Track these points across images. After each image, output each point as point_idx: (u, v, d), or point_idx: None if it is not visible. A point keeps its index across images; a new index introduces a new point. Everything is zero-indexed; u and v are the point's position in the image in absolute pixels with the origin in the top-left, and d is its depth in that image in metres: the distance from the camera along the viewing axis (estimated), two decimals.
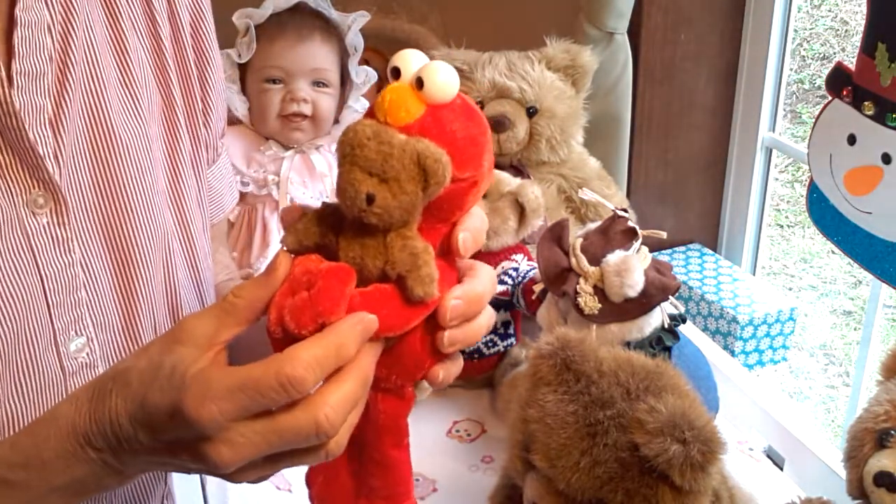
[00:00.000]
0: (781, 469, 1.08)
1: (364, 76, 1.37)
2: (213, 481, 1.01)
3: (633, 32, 1.61)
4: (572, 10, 1.60)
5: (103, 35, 0.67)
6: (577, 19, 1.59)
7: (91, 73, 0.65)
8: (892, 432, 0.80)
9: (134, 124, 0.68)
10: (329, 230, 0.53)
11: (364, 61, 1.43)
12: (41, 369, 0.62)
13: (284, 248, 0.53)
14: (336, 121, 1.38)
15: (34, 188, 0.61)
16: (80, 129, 0.64)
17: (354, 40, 1.35)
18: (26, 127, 0.59)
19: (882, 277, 1.23)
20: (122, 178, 0.67)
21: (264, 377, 0.48)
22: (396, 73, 0.51)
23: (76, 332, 0.64)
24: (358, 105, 1.38)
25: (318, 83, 1.32)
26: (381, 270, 0.51)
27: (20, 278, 0.60)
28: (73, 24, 0.63)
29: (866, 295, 1.85)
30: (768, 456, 1.13)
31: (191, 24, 0.74)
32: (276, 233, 1.30)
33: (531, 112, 1.40)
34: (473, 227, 0.54)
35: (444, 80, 0.50)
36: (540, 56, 1.43)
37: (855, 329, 2.70)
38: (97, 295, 0.66)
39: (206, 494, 1.00)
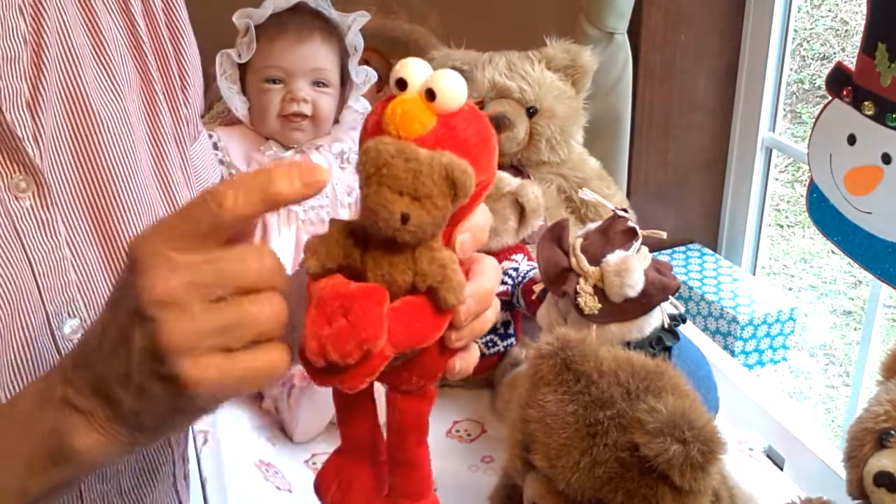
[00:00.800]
0: (781, 469, 1.08)
1: (364, 76, 1.37)
2: (213, 482, 1.01)
3: (633, 32, 1.61)
4: (572, 10, 1.60)
5: (75, 15, 0.67)
6: (577, 19, 1.59)
7: (66, 53, 0.65)
8: (892, 432, 0.80)
9: (112, 102, 0.68)
10: (352, 249, 0.52)
11: (364, 61, 1.43)
12: (37, 353, 0.63)
13: (307, 272, 0.52)
14: (336, 121, 1.38)
15: (15, 172, 0.61)
16: (59, 110, 0.64)
17: (354, 40, 1.35)
18: (4, 111, 0.59)
19: (882, 277, 1.23)
20: (104, 157, 0.67)
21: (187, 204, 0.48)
22: (402, 84, 0.50)
23: (69, 313, 0.64)
24: (358, 105, 1.38)
25: (318, 83, 1.32)
26: (409, 284, 0.51)
27: (9, 263, 0.60)
28: (44, 4, 0.63)
29: (866, 295, 1.85)
30: (768, 456, 1.13)
31: (162, 1, 0.74)
32: (276, 233, 1.30)
33: (531, 112, 1.40)
34: (474, 226, 0.54)
35: (454, 88, 0.50)
36: (540, 56, 1.43)
37: (855, 329, 2.70)
38: (87, 275, 0.66)
39: (205, 494, 1.00)
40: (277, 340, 0.49)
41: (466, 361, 0.56)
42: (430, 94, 0.49)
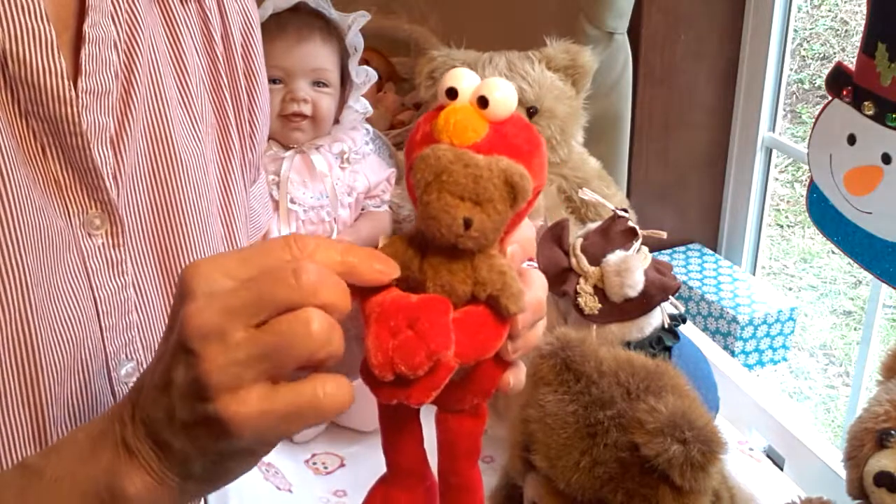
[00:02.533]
0: (781, 469, 1.08)
1: (364, 76, 1.37)
2: None
3: (633, 32, 1.61)
4: (572, 10, 1.60)
5: (165, 52, 0.65)
6: (577, 19, 1.59)
7: (154, 91, 0.63)
8: (892, 432, 0.80)
9: (193, 145, 0.66)
10: (410, 262, 0.51)
11: (364, 61, 1.43)
12: (93, 394, 0.61)
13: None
14: (336, 121, 1.38)
15: (91, 209, 0.59)
16: (141, 149, 0.63)
17: (354, 40, 1.35)
18: (91, 147, 0.57)
19: (882, 277, 1.23)
20: (180, 200, 0.65)
21: (270, 240, 0.47)
22: (452, 93, 0.50)
23: (127, 356, 0.63)
24: (358, 105, 1.38)
25: (318, 83, 1.32)
26: (468, 294, 0.50)
27: (76, 301, 0.59)
28: (139, 40, 0.61)
29: (866, 295, 1.85)
30: (768, 456, 1.13)
31: (242, 45, 0.73)
32: (276, 233, 1.30)
33: (531, 112, 1.40)
34: (523, 237, 0.53)
35: (506, 96, 0.50)
36: (540, 56, 1.43)
37: (855, 329, 2.70)
38: (148, 318, 0.64)
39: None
40: (331, 370, 0.46)
41: (518, 377, 0.55)
42: (483, 102, 0.49)
